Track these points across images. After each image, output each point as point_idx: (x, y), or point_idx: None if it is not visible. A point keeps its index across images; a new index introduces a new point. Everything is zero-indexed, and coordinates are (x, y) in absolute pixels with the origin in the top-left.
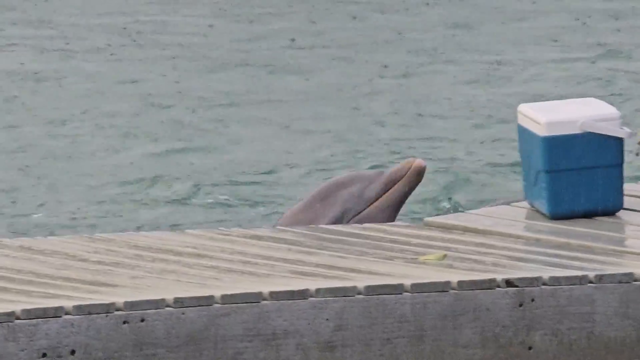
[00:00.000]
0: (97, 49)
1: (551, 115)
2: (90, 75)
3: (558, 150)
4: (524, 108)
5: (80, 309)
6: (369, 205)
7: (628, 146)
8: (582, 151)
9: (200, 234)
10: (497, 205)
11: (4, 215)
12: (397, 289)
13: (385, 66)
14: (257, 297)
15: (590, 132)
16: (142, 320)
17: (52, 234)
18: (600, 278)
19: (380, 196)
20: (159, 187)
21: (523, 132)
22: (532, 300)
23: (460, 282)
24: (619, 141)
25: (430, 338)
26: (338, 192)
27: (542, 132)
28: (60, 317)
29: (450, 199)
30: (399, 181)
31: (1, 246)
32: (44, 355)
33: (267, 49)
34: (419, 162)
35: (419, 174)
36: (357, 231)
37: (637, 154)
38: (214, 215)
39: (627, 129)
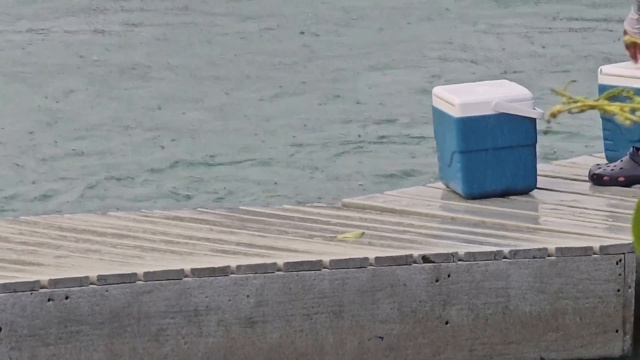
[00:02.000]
0: None
1: (465, 97)
2: None
3: (472, 131)
4: (438, 90)
5: (5, 287)
6: None
7: (540, 126)
8: (495, 132)
9: (122, 216)
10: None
11: None
12: (316, 265)
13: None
14: (179, 274)
15: (503, 113)
16: (67, 298)
17: None
18: (514, 254)
19: None
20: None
21: (437, 114)
22: (449, 275)
23: (377, 259)
24: (532, 121)
25: (350, 314)
26: None
27: (456, 113)
28: None
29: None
30: None
31: None
32: None
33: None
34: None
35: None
36: (277, 212)
37: (544, 133)
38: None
39: (539, 109)
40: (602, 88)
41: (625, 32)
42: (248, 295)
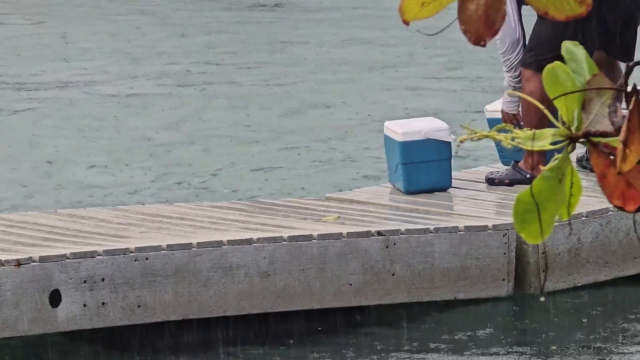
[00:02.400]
0: None
1: (405, 128)
2: None
3: (409, 150)
4: (388, 123)
5: (107, 252)
6: None
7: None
8: (424, 150)
9: (182, 205)
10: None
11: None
12: (308, 238)
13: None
14: (219, 244)
15: (429, 138)
16: (147, 259)
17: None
18: (437, 230)
19: None
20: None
21: (387, 139)
22: (394, 244)
23: (348, 233)
24: (448, 144)
25: (330, 269)
26: None
27: (399, 138)
28: (94, 257)
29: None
30: None
31: (49, 213)
32: (85, 282)
33: None
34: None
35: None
36: (283, 203)
37: (457, 149)
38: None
39: (453, 136)
40: (490, 121)
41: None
42: (264, 257)
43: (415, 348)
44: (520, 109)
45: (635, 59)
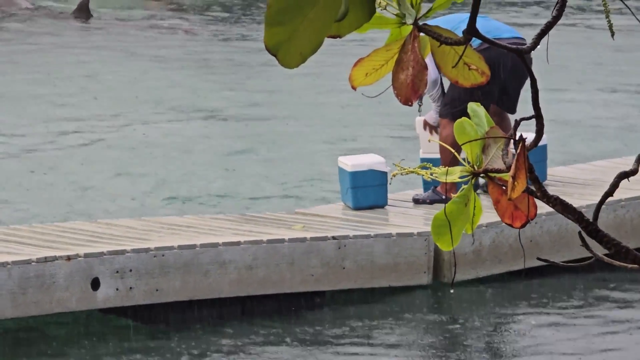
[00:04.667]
0: None
1: (354, 162)
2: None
3: (356, 177)
4: (341, 158)
5: (134, 250)
6: None
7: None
8: (366, 177)
9: (191, 217)
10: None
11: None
12: (282, 241)
13: None
14: (216, 245)
15: (371, 169)
16: (163, 256)
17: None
18: (376, 235)
19: None
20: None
21: (341, 170)
22: (345, 245)
23: (311, 237)
24: (385, 173)
25: (297, 263)
26: None
27: (349, 169)
28: (124, 254)
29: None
30: None
31: (91, 222)
32: (117, 272)
33: None
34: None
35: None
36: (263, 216)
37: (391, 180)
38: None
39: (388, 167)
40: (422, 161)
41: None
42: (249, 255)
43: (360, 323)
44: (437, 123)
45: (518, 111)
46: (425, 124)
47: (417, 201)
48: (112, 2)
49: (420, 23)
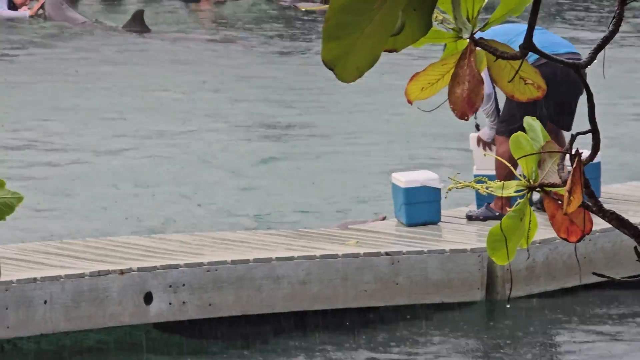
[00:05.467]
0: None
1: (407, 178)
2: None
3: (410, 194)
4: (394, 174)
5: (187, 265)
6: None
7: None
8: (420, 194)
9: (245, 232)
10: (380, 219)
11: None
12: (335, 256)
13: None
14: (269, 260)
15: (424, 185)
16: (216, 270)
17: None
18: (429, 251)
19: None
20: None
21: (394, 186)
22: (398, 261)
23: (365, 253)
24: (438, 189)
25: (351, 278)
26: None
27: (403, 185)
28: (177, 268)
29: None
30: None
31: (145, 237)
32: (170, 286)
33: None
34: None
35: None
36: (317, 231)
37: (446, 193)
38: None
39: (441, 184)
40: (476, 177)
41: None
42: (303, 270)
43: (412, 337)
44: (491, 139)
45: (575, 127)
46: (479, 140)
47: (470, 218)
48: (164, 17)
49: (477, 37)
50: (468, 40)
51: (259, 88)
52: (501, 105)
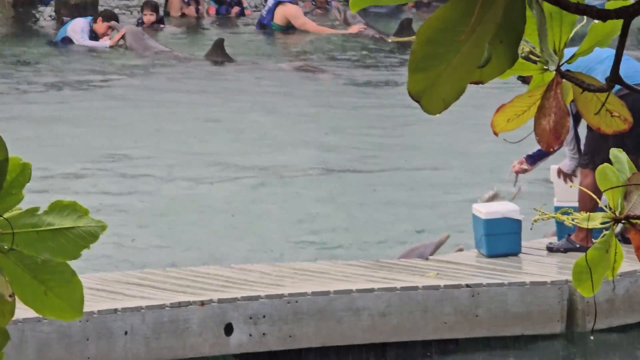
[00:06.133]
0: None
1: (488, 209)
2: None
3: (490, 225)
4: (475, 205)
5: (268, 296)
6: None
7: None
8: (501, 225)
9: (325, 263)
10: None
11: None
12: (415, 288)
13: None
14: (349, 291)
15: (505, 217)
16: (297, 302)
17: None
18: (510, 283)
19: (433, 252)
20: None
21: (475, 217)
22: (478, 293)
23: (445, 285)
24: (518, 221)
25: (432, 310)
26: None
27: (483, 216)
28: (258, 300)
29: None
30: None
31: (225, 267)
32: (250, 317)
33: None
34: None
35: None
36: (397, 262)
37: (532, 225)
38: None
39: (522, 216)
40: (557, 209)
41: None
42: (383, 302)
43: None
44: (572, 170)
45: None
46: (560, 171)
47: (551, 249)
48: (245, 46)
49: (563, 69)
50: (554, 72)
51: (343, 117)
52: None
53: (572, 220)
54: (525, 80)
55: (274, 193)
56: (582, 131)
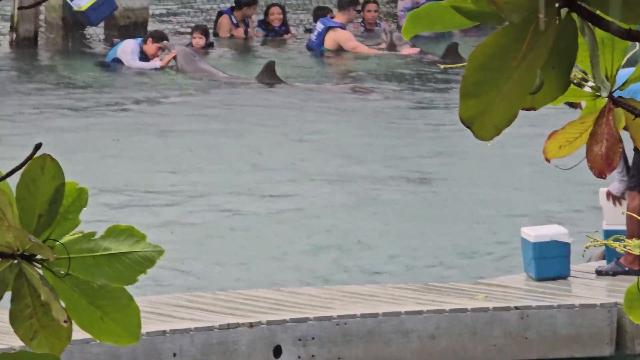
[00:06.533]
0: None
1: (537, 233)
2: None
3: (539, 249)
4: (524, 229)
5: (317, 318)
6: None
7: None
8: (550, 248)
9: (373, 286)
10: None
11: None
12: (464, 310)
13: None
14: (398, 314)
15: (554, 240)
16: (346, 324)
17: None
18: (559, 306)
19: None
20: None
21: (523, 240)
22: (527, 316)
23: (494, 307)
24: (568, 244)
25: (480, 333)
26: None
27: (532, 240)
28: (307, 322)
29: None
30: None
31: (274, 290)
32: (299, 339)
33: None
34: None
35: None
36: (446, 285)
37: (584, 251)
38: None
39: (571, 239)
40: (606, 232)
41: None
42: (432, 324)
43: None
44: (621, 193)
45: None
46: (609, 194)
47: (600, 273)
48: (296, 68)
49: (615, 95)
50: (607, 98)
51: (392, 139)
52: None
53: (624, 247)
54: (572, 105)
55: (322, 214)
56: (629, 152)
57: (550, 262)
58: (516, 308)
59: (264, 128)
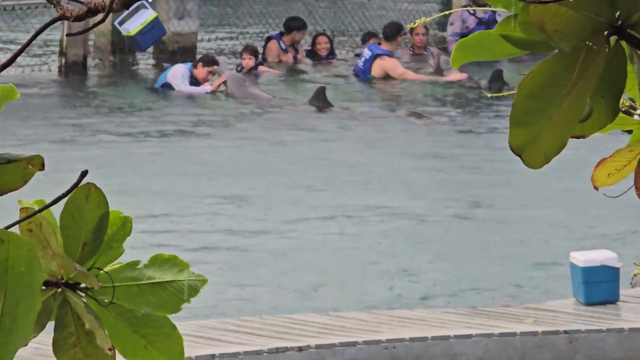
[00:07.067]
0: None
1: (586, 257)
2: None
3: (589, 273)
4: (573, 253)
5: (365, 342)
6: None
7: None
8: (599, 273)
9: (422, 310)
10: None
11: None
12: (513, 334)
13: None
14: (447, 337)
15: (604, 265)
16: (394, 348)
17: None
18: (608, 330)
19: None
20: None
21: (572, 265)
22: (576, 339)
23: (543, 331)
24: (617, 269)
25: (529, 357)
26: None
27: (581, 264)
28: (355, 345)
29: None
30: None
31: (322, 314)
32: None
33: None
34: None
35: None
36: (494, 310)
37: (632, 279)
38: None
39: (620, 263)
40: None
41: None
42: (481, 348)
43: None
44: None
45: None
46: None
47: None
48: (341, 94)
49: None
50: None
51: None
52: None
53: None
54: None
55: (372, 240)
56: None
57: (599, 286)
58: (565, 332)
59: (316, 151)
